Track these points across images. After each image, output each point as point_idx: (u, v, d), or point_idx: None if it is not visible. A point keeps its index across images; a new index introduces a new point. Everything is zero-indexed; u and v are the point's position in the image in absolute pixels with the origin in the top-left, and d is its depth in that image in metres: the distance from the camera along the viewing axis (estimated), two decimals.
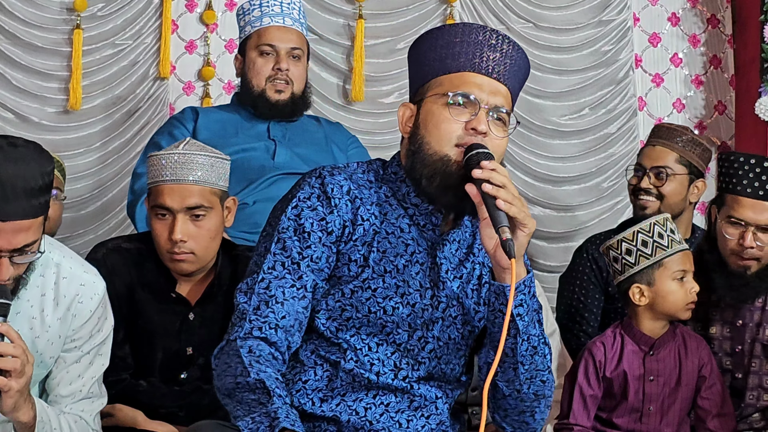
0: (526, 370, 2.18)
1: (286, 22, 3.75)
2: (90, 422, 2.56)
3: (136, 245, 3.04)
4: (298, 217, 2.18)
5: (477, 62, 2.16)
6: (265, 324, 2.12)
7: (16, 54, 4.77)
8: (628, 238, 3.04)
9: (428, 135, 2.16)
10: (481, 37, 2.18)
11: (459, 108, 2.14)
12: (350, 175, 2.23)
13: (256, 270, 2.18)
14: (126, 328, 2.98)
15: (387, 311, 2.18)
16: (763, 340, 3.19)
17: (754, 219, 3.11)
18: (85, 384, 2.54)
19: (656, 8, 5.05)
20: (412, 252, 2.21)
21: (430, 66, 2.20)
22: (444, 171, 2.14)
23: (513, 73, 2.20)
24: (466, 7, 4.95)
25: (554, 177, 4.94)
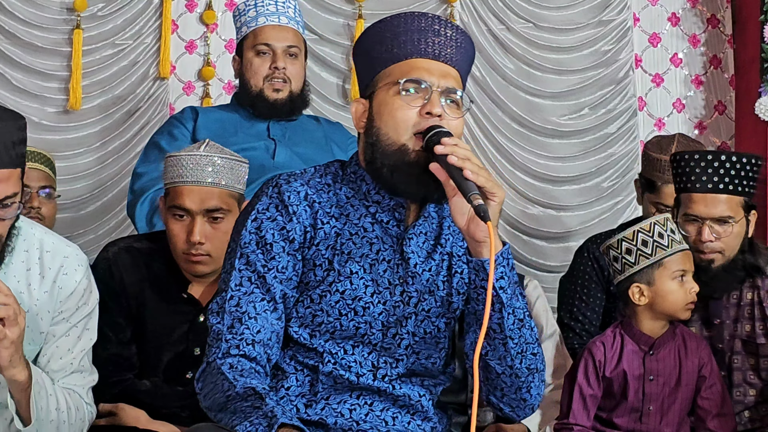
0: (516, 344, 2.16)
1: (281, 20, 3.75)
2: (83, 395, 2.58)
3: (146, 245, 3.05)
4: (259, 230, 2.17)
5: (423, 48, 2.16)
6: (242, 341, 2.12)
7: (16, 54, 4.77)
8: (628, 237, 3.04)
9: (384, 125, 2.15)
10: (424, 24, 2.18)
11: (411, 95, 2.13)
12: (307, 180, 2.21)
13: (224, 288, 2.18)
14: (134, 328, 2.98)
15: (358, 312, 2.17)
16: (742, 335, 3.19)
17: (707, 212, 3.12)
18: (75, 357, 2.57)
19: (656, 8, 5.05)
20: (378, 250, 2.19)
21: (378, 58, 2.19)
22: (405, 161, 2.13)
23: (460, 54, 2.20)
24: (465, 6, 4.96)
25: (554, 177, 4.94)
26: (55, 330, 2.54)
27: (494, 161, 4.93)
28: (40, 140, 4.73)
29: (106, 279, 2.97)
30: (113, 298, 2.96)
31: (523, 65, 4.97)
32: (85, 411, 2.56)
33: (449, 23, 2.21)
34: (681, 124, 5.03)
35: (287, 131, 3.79)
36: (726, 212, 3.12)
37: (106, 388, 2.96)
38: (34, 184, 3.64)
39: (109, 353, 2.96)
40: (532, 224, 4.92)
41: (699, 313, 3.21)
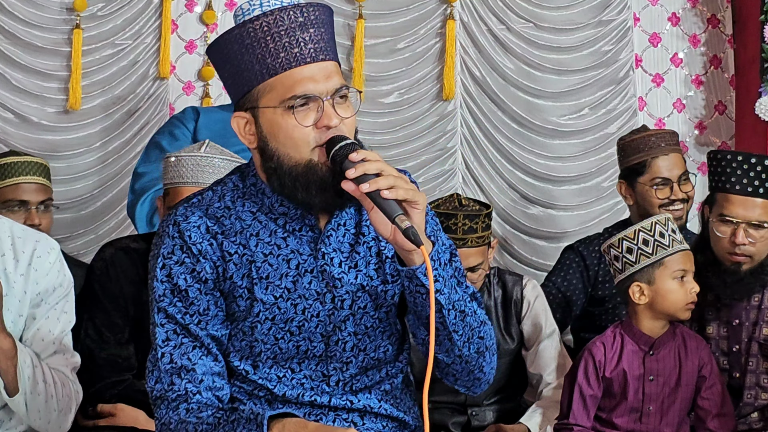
0: (461, 335, 2.11)
1: None
2: (69, 375, 2.59)
3: (142, 245, 3.05)
4: (170, 277, 2.09)
5: (298, 52, 2.03)
6: (188, 394, 2.08)
7: (15, 54, 4.77)
8: (629, 236, 3.04)
9: (282, 146, 2.05)
10: (288, 21, 2.05)
11: (302, 110, 2.02)
12: (205, 210, 2.11)
13: (153, 347, 2.11)
14: (132, 328, 2.98)
15: (294, 333, 2.12)
16: (760, 338, 3.19)
17: (744, 216, 3.11)
18: (57, 338, 2.58)
19: (656, 8, 5.05)
20: (297, 264, 2.11)
21: (251, 70, 2.06)
22: (315, 177, 2.04)
23: (330, 37, 2.09)
24: (465, 6, 4.95)
25: (554, 177, 4.94)
26: (35, 313, 2.56)
27: (494, 161, 4.93)
28: (40, 140, 4.74)
29: (103, 280, 2.97)
30: (110, 299, 2.96)
31: (524, 65, 4.97)
32: (72, 389, 2.57)
33: (308, 6, 2.07)
34: (681, 124, 5.03)
35: None
36: (763, 217, 3.11)
37: (105, 388, 2.97)
38: (34, 199, 3.59)
39: (107, 354, 2.96)
40: (532, 224, 4.92)
41: (718, 313, 3.21)
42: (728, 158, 3.13)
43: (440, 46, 4.95)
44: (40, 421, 2.51)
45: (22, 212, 3.56)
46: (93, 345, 2.99)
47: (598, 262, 3.75)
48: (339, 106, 2.05)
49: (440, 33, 4.96)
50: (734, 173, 3.10)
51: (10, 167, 3.59)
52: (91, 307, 3.03)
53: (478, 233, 3.35)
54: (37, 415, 2.49)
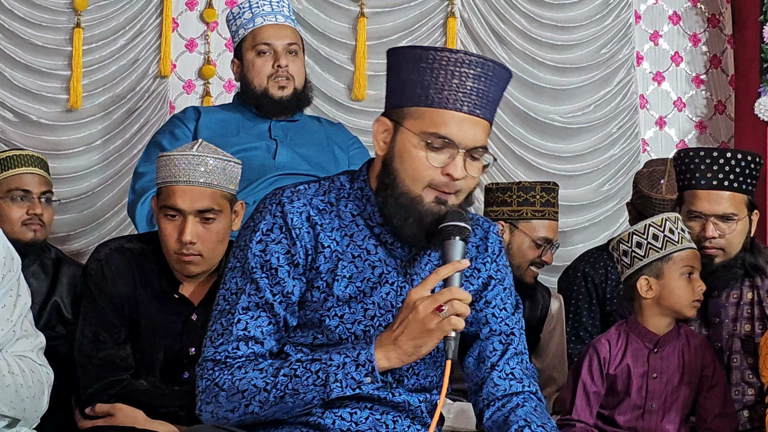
0: None
1: (278, 19, 3.74)
2: (35, 359, 2.57)
3: (138, 245, 3.04)
4: (264, 253, 2.17)
5: (460, 97, 2.09)
6: (254, 356, 2.16)
7: (16, 53, 4.77)
8: (640, 231, 3.04)
9: (403, 171, 2.12)
10: (465, 66, 2.09)
11: (436, 151, 2.10)
12: (310, 199, 2.20)
13: (230, 310, 2.18)
14: (128, 328, 2.98)
15: (359, 336, 2.17)
16: (741, 335, 3.20)
17: (711, 209, 3.13)
18: (16, 324, 2.55)
19: (657, 7, 5.05)
20: (380, 273, 2.19)
21: (412, 90, 2.12)
22: (416, 212, 2.12)
23: (495, 99, 2.16)
24: (467, 4, 4.96)
25: (555, 175, 4.94)
26: None
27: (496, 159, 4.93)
28: (40, 139, 4.74)
29: (99, 280, 2.97)
30: (106, 300, 2.96)
31: (525, 63, 4.97)
32: (41, 372, 2.56)
33: (490, 62, 2.13)
34: (682, 123, 5.04)
35: (289, 132, 3.78)
36: (730, 209, 3.13)
37: (103, 388, 2.96)
38: (36, 189, 3.62)
39: (105, 354, 2.96)
40: None
41: (699, 311, 3.21)
42: (690, 155, 3.16)
43: (442, 44, 4.95)
44: (15, 410, 2.51)
45: (26, 202, 3.59)
46: (90, 345, 2.99)
47: (606, 278, 3.76)
48: (469, 163, 2.11)
49: (442, 31, 4.97)
50: (698, 169, 3.13)
51: (12, 159, 3.63)
52: (87, 307, 3.02)
53: (554, 208, 3.54)
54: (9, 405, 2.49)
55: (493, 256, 2.32)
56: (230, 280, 2.21)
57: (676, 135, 5.03)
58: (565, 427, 3.05)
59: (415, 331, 2.05)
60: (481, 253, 2.31)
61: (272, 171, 3.65)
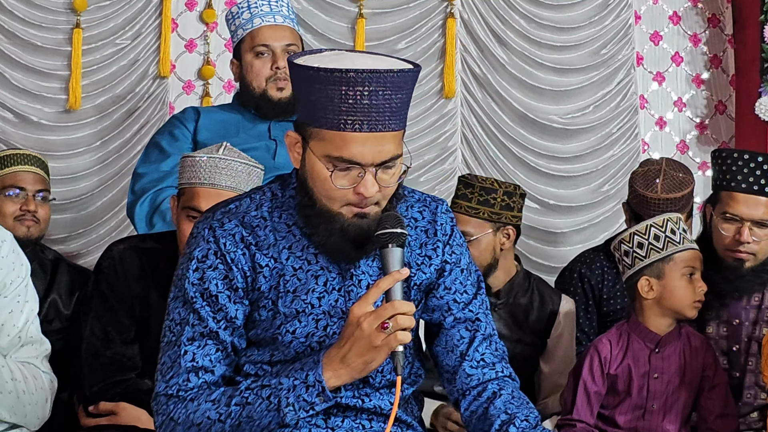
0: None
1: (276, 20, 3.74)
2: (39, 365, 2.59)
3: (151, 245, 3.05)
4: (202, 281, 2.13)
5: (359, 119, 1.99)
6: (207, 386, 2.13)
7: (15, 53, 4.76)
8: (641, 231, 3.04)
9: (317, 191, 2.08)
10: (360, 83, 1.98)
11: (343, 172, 2.03)
12: (242, 218, 2.14)
13: (175, 342, 2.14)
14: (138, 328, 2.98)
15: (314, 348, 2.15)
16: (760, 338, 3.20)
17: (748, 214, 3.13)
18: (22, 330, 2.57)
19: (657, 7, 5.05)
20: (325, 281, 2.15)
21: (311, 109, 2.04)
22: (338, 227, 2.08)
23: (403, 104, 2.04)
24: (466, 5, 4.95)
25: (555, 176, 4.94)
26: None
27: (495, 160, 4.93)
28: (39, 140, 4.73)
29: (111, 278, 2.97)
30: (117, 298, 2.96)
31: (524, 64, 4.97)
32: (44, 379, 2.57)
33: (388, 73, 2.00)
34: (682, 123, 5.04)
35: None
36: (767, 215, 3.11)
37: (108, 387, 2.96)
38: (31, 187, 3.65)
39: (112, 353, 2.96)
40: (534, 224, 4.91)
41: (718, 312, 3.22)
42: (734, 157, 3.14)
43: (441, 45, 4.95)
44: (16, 417, 2.51)
45: (19, 199, 3.61)
46: (98, 343, 2.99)
47: (602, 279, 3.75)
48: (382, 174, 2.05)
49: (441, 32, 4.96)
50: (740, 171, 3.11)
51: (8, 158, 3.67)
52: (97, 305, 3.02)
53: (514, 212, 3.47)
54: (10, 411, 2.49)
55: (444, 238, 2.26)
56: (173, 311, 2.17)
57: (677, 135, 5.03)
58: (566, 427, 3.06)
59: (362, 348, 2.03)
60: (430, 237, 2.25)
61: (272, 171, 3.63)
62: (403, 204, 2.22)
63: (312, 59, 2.07)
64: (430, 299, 2.27)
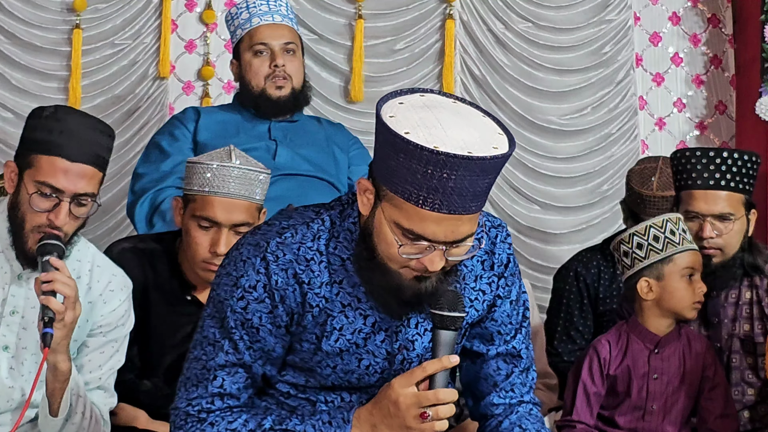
0: None
1: (275, 19, 3.74)
2: (104, 413, 2.61)
3: (151, 245, 3.05)
4: (245, 311, 2.07)
5: (438, 200, 1.90)
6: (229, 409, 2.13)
7: (15, 54, 4.77)
8: (640, 232, 3.04)
9: (380, 249, 2.00)
10: (447, 170, 1.87)
11: (412, 242, 1.94)
12: (296, 250, 2.06)
13: (205, 365, 2.11)
14: (136, 328, 2.98)
15: (352, 383, 2.14)
16: (740, 334, 3.20)
17: (708, 209, 3.13)
18: (104, 374, 2.61)
19: (657, 8, 5.06)
20: (373, 322, 2.10)
21: (391, 174, 1.93)
22: (396, 284, 2.02)
23: (480, 193, 1.94)
24: (465, 6, 4.96)
25: (554, 177, 4.94)
26: (90, 342, 2.57)
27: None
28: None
29: None
30: None
31: (524, 65, 4.97)
32: (101, 427, 2.58)
33: (478, 161, 1.88)
34: (681, 124, 5.04)
35: (288, 132, 3.78)
36: (727, 209, 3.13)
37: None
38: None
39: None
40: (533, 224, 4.92)
41: (698, 312, 3.21)
42: (687, 155, 3.17)
43: (440, 46, 4.96)
44: None
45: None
46: None
47: (598, 278, 3.75)
48: (451, 251, 1.97)
49: (440, 33, 4.97)
50: (694, 169, 3.13)
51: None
52: None
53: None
54: None
55: (500, 270, 2.20)
56: (208, 328, 2.12)
57: (676, 136, 5.03)
58: (566, 427, 3.05)
59: (394, 426, 2.02)
60: (486, 270, 2.20)
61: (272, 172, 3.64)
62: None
63: (401, 114, 1.95)
64: (474, 327, 2.24)
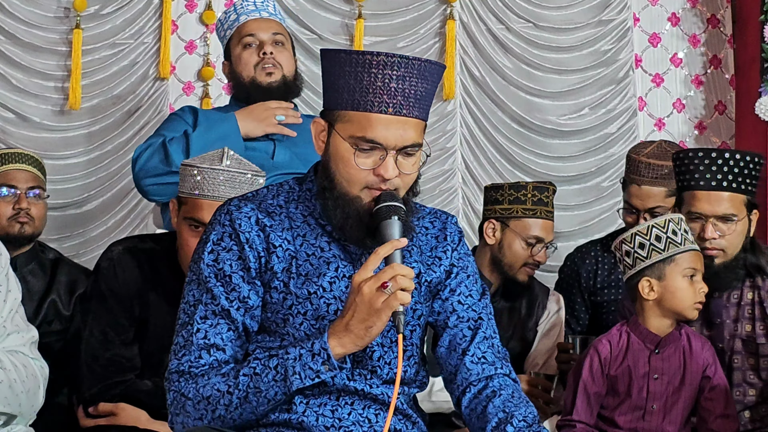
0: None
1: (262, 15, 3.75)
2: (27, 353, 2.59)
3: (150, 245, 3.05)
4: (216, 262, 2.20)
5: (384, 100, 2.12)
6: (218, 364, 2.18)
7: (15, 54, 4.78)
8: (642, 232, 3.04)
9: (339, 174, 2.17)
10: (388, 67, 2.11)
11: (366, 153, 2.13)
12: (259, 203, 2.23)
13: (189, 322, 2.20)
14: (137, 329, 2.98)
15: (323, 331, 2.17)
16: (742, 335, 3.20)
17: (711, 210, 3.13)
18: (6, 320, 2.58)
19: (656, 8, 5.06)
20: (336, 267, 2.22)
21: (340, 94, 2.16)
22: (355, 211, 2.16)
23: (426, 95, 2.16)
24: (465, 6, 4.96)
25: (554, 177, 4.94)
26: None
27: (494, 161, 4.93)
28: (39, 139, 4.75)
29: (110, 279, 2.97)
30: (116, 299, 2.96)
31: (523, 65, 4.98)
32: (34, 366, 2.57)
33: (416, 61, 2.14)
34: (681, 124, 5.04)
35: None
36: (729, 210, 3.13)
37: (107, 388, 2.97)
38: (23, 185, 3.66)
39: (111, 354, 2.96)
40: None
41: (700, 313, 3.21)
42: (690, 156, 3.16)
43: (440, 46, 4.96)
44: (10, 407, 2.52)
45: (11, 197, 3.64)
46: (97, 345, 2.99)
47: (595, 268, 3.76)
48: (403, 160, 2.15)
49: (440, 33, 4.97)
50: (697, 170, 3.13)
51: (2, 157, 3.69)
52: (96, 306, 3.03)
53: (548, 207, 3.60)
54: (4, 402, 2.50)
55: (453, 244, 2.35)
56: (188, 293, 2.24)
57: (676, 136, 5.03)
58: (566, 427, 3.05)
59: (363, 312, 2.08)
60: (440, 242, 2.34)
61: (270, 170, 3.64)
62: (415, 216, 2.28)
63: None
64: (435, 301, 2.33)
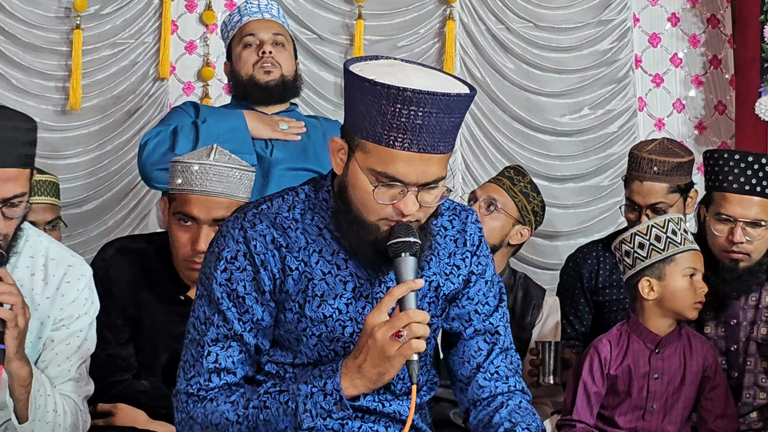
0: None
1: (264, 16, 3.75)
2: (78, 403, 2.59)
3: (142, 245, 3.06)
4: (230, 282, 2.13)
5: (408, 138, 1.98)
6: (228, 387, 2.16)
7: (16, 54, 4.78)
8: (642, 232, 3.04)
9: (356, 201, 2.07)
10: (414, 103, 1.96)
11: (386, 187, 2.03)
12: (273, 218, 2.14)
13: (199, 342, 2.16)
14: (131, 329, 2.98)
15: (338, 353, 2.16)
16: (758, 338, 3.21)
17: (741, 214, 3.13)
18: (73, 365, 2.58)
19: (656, 8, 5.05)
20: (353, 287, 2.15)
21: (361, 121, 2.02)
22: (372, 237, 2.07)
23: (453, 127, 2.03)
24: (465, 6, 4.96)
25: (554, 176, 4.95)
26: (55, 336, 2.54)
27: (494, 161, 4.93)
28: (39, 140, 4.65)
29: (103, 280, 2.97)
30: (110, 300, 2.96)
31: (523, 65, 4.98)
32: (79, 418, 2.57)
33: (443, 96, 1.98)
34: (681, 124, 5.04)
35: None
36: (760, 215, 3.13)
37: (104, 388, 2.96)
38: (42, 218, 3.58)
39: (107, 354, 2.96)
40: None
41: (716, 312, 3.22)
42: (725, 157, 3.15)
43: (440, 47, 4.96)
44: None
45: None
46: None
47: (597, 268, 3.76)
48: (424, 194, 2.05)
49: (440, 33, 4.97)
50: (731, 172, 3.12)
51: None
52: None
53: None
54: None
55: (472, 248, 2.27)
56: (198, 308, 2.18)
57: (676, 136, 5.02)
58: (566, 427, 3.06)
59: (376, 358, 2.03)
60: (459, 247, 2.26)
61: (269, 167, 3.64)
62: (431, 214, 2.18)
63: (368, 68, 2.04)
64: (451, 308, 2.28)
